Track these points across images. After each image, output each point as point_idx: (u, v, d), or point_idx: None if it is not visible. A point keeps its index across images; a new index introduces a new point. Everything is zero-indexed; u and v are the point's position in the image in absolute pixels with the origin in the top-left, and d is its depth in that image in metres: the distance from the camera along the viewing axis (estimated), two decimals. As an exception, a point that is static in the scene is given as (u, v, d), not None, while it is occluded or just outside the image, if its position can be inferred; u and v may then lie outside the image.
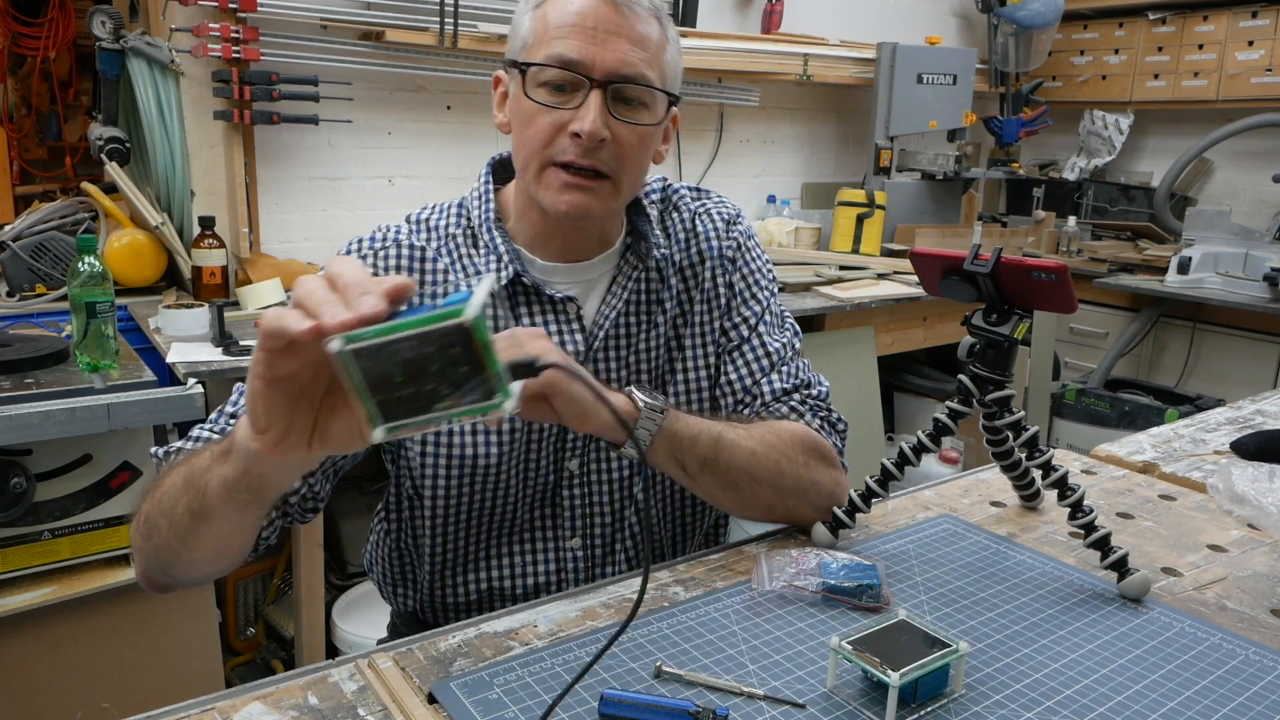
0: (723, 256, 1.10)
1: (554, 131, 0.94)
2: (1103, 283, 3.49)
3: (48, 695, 1.61)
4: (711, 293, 1.10)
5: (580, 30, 0.92)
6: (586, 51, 0.92)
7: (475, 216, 1.05)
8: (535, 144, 0.95)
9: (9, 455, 1.51)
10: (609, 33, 0.92)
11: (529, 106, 0.94)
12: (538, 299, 1.03)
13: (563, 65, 0.92)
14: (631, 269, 1.06)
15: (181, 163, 2.38)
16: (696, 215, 1.12)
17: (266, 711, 0.74)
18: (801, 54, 3.36)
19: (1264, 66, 3.59)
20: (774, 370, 1.10)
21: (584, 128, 0.92)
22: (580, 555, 1.10)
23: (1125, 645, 0.85)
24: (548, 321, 1.03)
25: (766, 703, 0.75)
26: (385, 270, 1.02)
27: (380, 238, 1.04)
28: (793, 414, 1.08)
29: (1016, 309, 0.93)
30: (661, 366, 1.09)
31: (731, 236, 1.11)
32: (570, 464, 1.07)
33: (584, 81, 0.93)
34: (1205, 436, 1.46)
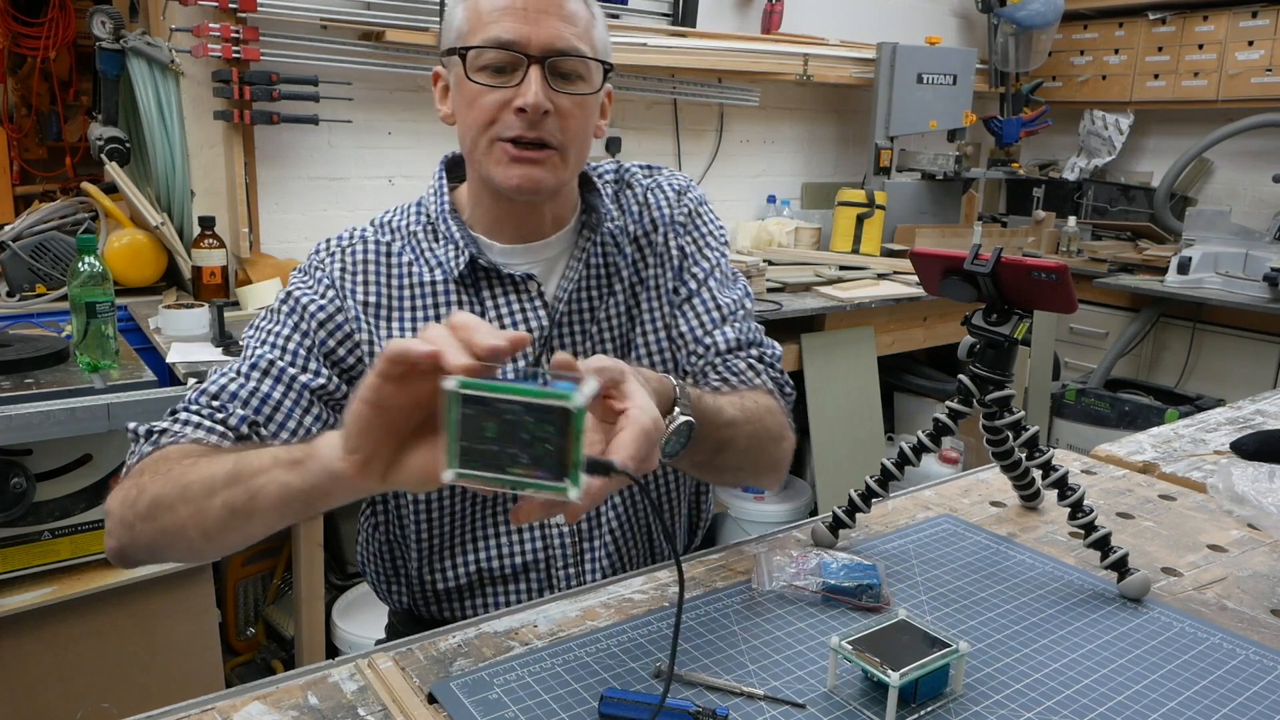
0: (675, 222, 1.14)
1: (498, 109, 0.98)
2: (1103, 283, 3.49)
3: (48, 695, 1.61)
4: (665, 256, 1.13)
5: (513, 12, 0.97)
6: (521, 31, 0.96)
7: (433, 211, 1.09)
8: (481, 123, 0.99)
9: (9, 455, 1.51)
10: (540, 12, 0.97)
11: (472, 90, 0.99)
12: (499, 280, 1.06)
13: (500, 46, 0.96)
14: (586, 242, 1.09)
15: (181, 163, 2.38)
16: (649, 189, 1.16)
17: (266, 711, 0.74)
18: (801, 54, 3.36)
19: (1264, 66, 3.59)
20: (725, 323, 1.11)
21: (528, 101, 0.96)
22: (565, 530, 1.11)
23: (1125, 645, 0.85)
24: (510, 301, 1.06)
25: (766, 703, 0.75)
26: (356, 263, 1.06)
27: (349, 236, 1.09)
28: (749, 370, 1.09)
29: (1016, 309, 0.93)
30: (624, 333, 1.11)
31: (683, 204, 1.15)
32: None
33: (522, 60, 0.97)
34: (1205, 436, 1.46)
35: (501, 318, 1.06)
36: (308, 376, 0.99)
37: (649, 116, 3.28)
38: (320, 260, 1.07)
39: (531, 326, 1.06)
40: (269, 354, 0.99)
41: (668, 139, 3.34)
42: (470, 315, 0.64)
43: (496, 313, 1.06)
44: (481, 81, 0.98)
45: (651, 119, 3.29)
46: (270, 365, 0.98)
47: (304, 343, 1.01)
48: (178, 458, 0.87)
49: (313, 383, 0.99)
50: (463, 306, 1.05)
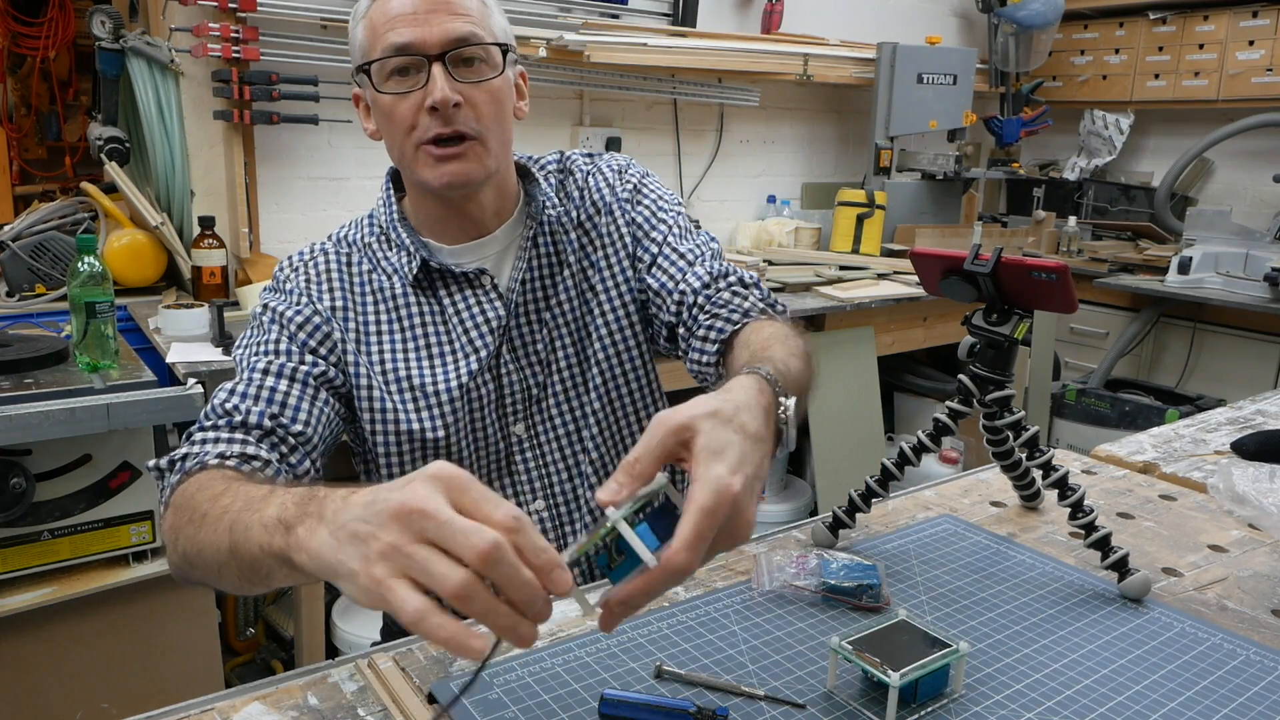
0: (620, 200, 1.15)
1: (413, 114, 1.00)
2: (1103, 283, 3.49)
3: (48, 695, 1.61)
4: (614, 235, 1.14)
5: (403, 18, 0.99)
6: (415, 33, 0.99)
7: (383, 221, 1.12)
8: (401, 131, 1.02)
9: (9, 455, 1.51)
10: (429, 12, 0.99)
11: (385, 101, 1.01)
12: (453, 279, 1.09)
13: (398, 52, 0.99)
14: (529, 231, 1.11)
15: (181, 163, 2.38)
16: (589, 174, 1.17)
17: (266, 711, 0.74)
18: (801, 54, 3.36)
19: (1264, 66, 3.59)
20: (693, 266, 1.11)
21: (435, 98, 0.98)
22: (546, 517, 1.13)
23: (1125, 645, 0.85)
24: (466, 298, 1.09)
25: (766, 703, 0.75)
26: (319, 274, 1.09)
27: (308, 251, 1.13)
28: (735, 298, 1.07)
29: (1016, 309, 0.93)
30: (578, 317, 1.13)
31: (625, 180, 1.17)
32: (516, 429, 1.12)
33: (422, 60, 0.99)
34: (1206, 436, 1.46)
35: (460, 314, 1.09)
36: (307, 367, 1.02)
37: (649, 116, 3.29)
38: (286, 275, 1.10)
39: (490, 318, 1.09)
40: (264, 359, 1.01)
41: (668, 139, 3.34)
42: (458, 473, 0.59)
43: (455, 309, 1.09)
44: (391, 91, 1.01)
45: (651, 119, 3.29)
46: (269, 365, 1.00)
47: (293, 344, 1.04)
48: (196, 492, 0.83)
49: (315, 370, 1.02)
50: (421, 309, 1.09)
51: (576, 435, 1.13)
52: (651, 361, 1.18)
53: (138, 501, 1.64)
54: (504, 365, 1.10)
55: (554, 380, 1.12)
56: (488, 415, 1.10)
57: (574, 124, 3.13)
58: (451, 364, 1.08)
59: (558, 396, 1.12)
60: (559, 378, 1.12)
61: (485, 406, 1.09)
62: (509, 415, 1.11)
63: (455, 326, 1.09)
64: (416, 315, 1.09)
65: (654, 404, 1.19)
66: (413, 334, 1.09)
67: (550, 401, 1.12)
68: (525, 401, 1.11)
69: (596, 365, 1.13)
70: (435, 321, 1.09)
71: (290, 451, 0.97)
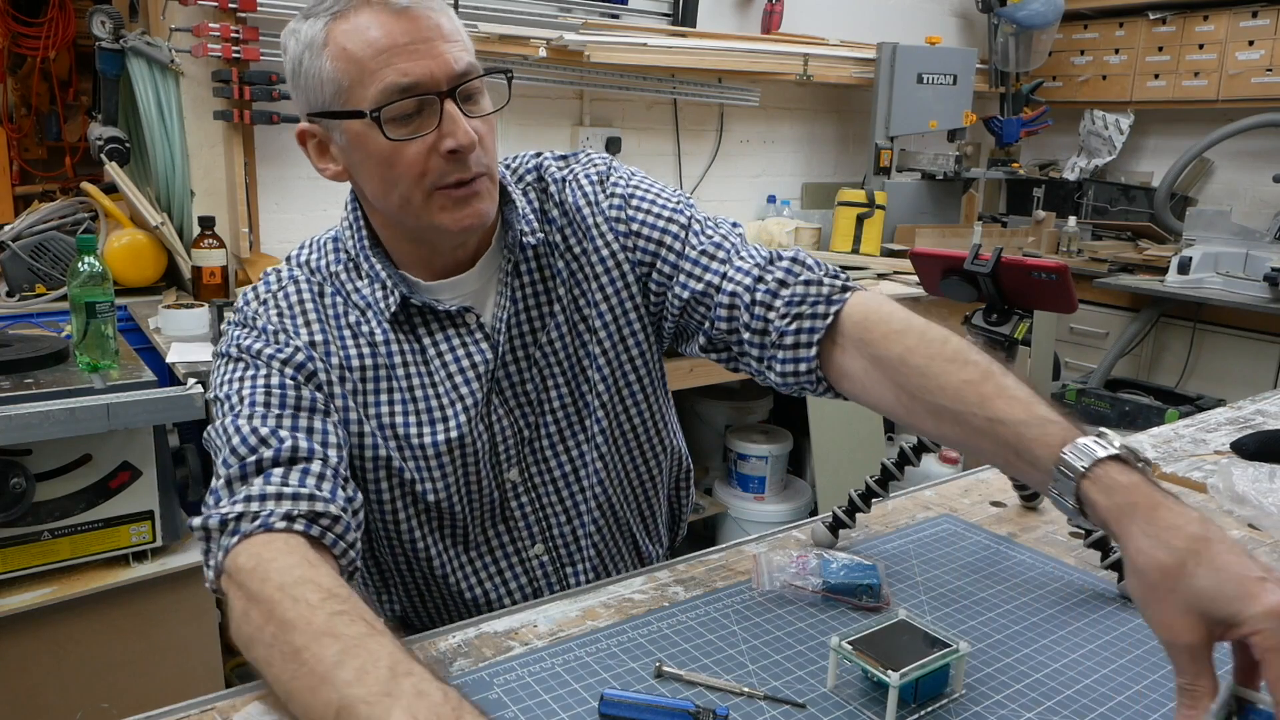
0: (607, 217, 1.03)
1: (425, 158, 0.90)
2: (1103, 283, 3.49)
3: (48, 695, 1.61)
4: (609, 260, 1.02)
5: (398, 51, 0.87)
6: (417, 68, 0.87)
7: (352, 248, 1.01)
8: (411, 179, 0.90)
9: (9, 455, 1.51)
10: (423, 41, 0.88)
11: (386, 146, 0.89)
12: (434, 317, 0.99)
13: (405, 93, 0.87)
14: (507, 264, 1.01)
15: (181, 163, 2.38)
16: (565, 185, 1.05)
17: (266, 711, 0.74)
18: (801, 54, 3.36)
19: (1264, 66, 3.59)
20: (730, 261, 0.98)
21: (460, 142, 0.89)
22: (545, 560, 1.08)
23: (1125, 645, 0.85)
24: (450, 338, 0.99)
25: (766, 703, 0.75)
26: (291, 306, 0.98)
27: (275, 280, 1.01)
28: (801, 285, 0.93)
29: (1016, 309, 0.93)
30: (573, 353, 1.04)
31: (610, 193, 1.04)
32: (510, 474, 1.04)
33: (433, 99, 0.88)
34: (1206, 437, 1.46)
35: (444, 358, 0.99)
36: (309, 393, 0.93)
37: (649, 116, 3.29)
38: (255, 311, 0.98)
39: (476, 362, 0.99)
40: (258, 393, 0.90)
41: (668, 139, 3.34)
42: None
43: (437, 351, 0.99)
44: (399, 136, 0.88)
45: (651, 119, 3.29)
46: (269, 393, 0.91)
47: (285, 377, 0.93)
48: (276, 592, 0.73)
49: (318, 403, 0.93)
50: (403, 353, 0.98)
51: (574, 476, 1.07)
52: (659, 393, 1.10)
53: (138, 501, 1.64)
54: (494, 411, 1.01)
55: (547, 421, 1.04)
56: (481, 465, 1.02)
57: (574, 124, 3.13)
58: (440, 419, 0.99)
59: (552, 438, 1.04)
60: (552, 419, 1.04)
61: (479, 457, 1.01)
62: (502, 462, 1.03)
63: (439, 371, 0.99)
64: (398, 359, 0.98)
65: (663, 437, 1.11)
66: (396, 383, 0.98)
67: (544, 444, 1.04)
68: (518, 446, 1.03)
69: (597, 402, 1.04)
70: (418, 368, 0.99)
71: (344, 484, 0.87)
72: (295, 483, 0.83)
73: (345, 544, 0.83)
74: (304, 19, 0.92)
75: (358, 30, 0.88)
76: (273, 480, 0.83)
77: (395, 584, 1.10)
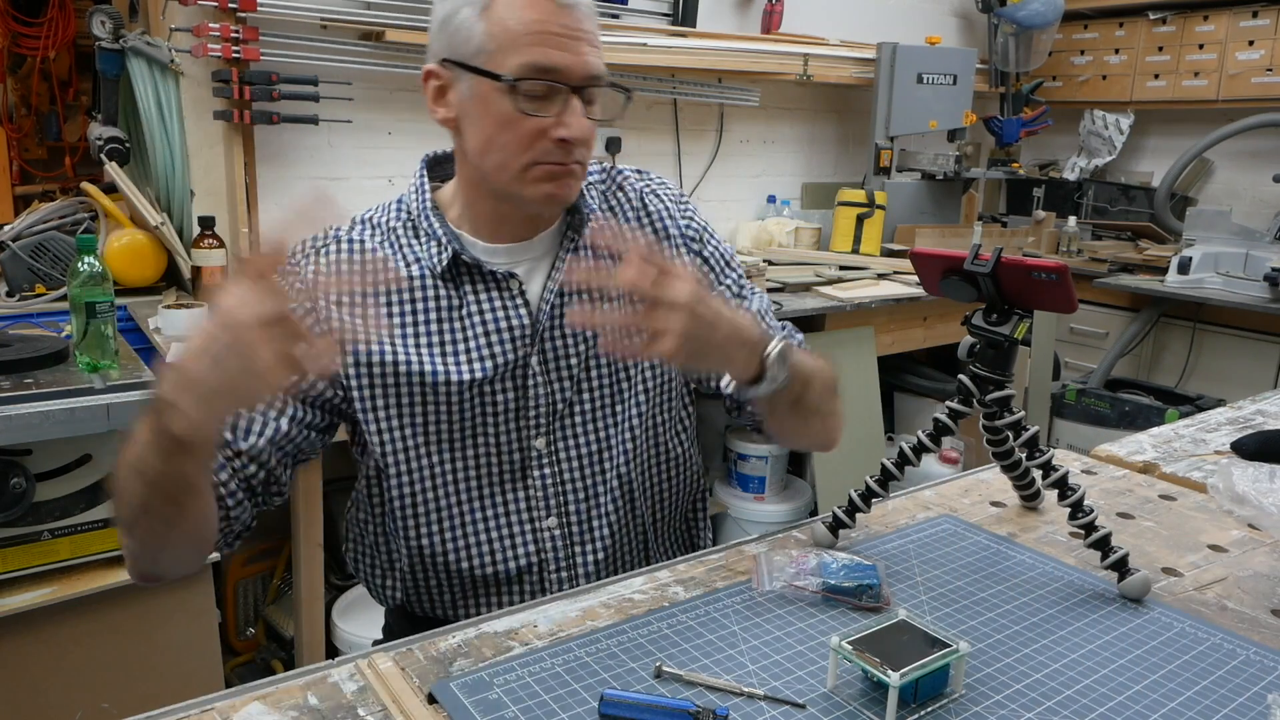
0: (685, 236, 1.15)
1: (536, 136, 0.98)
2: (1103, 283, 3.49)
3: (48, 695, 1.61)
4: None
5: (547, 37, 0.96)
6: (562, 59, 0.96)
7: (414, 209, 1.10)
8: (516, 148, 0.98)
9: (9, 455, 1.51)
10: (573, 38, 0.97)
11: (508, 114, 0.97)
12: (480, 276, 1.07)
13: (542, 74, 0.96)
14: (571, 244, 1.09)
15: (181, 163, 2.38)
16: (644, 194, 1.15)
17: (266, 711, 0.74)
18: (801, 54, 3.36)
19: (1264, 66, 3.59)
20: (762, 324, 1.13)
21: (573, 134, 0.97)
22: (557, 534, 1.11)
23: (1125, 645, 0.85)
24: (492, 298, 1.07)
25: (766, 703, 0.75)
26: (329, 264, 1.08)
27: (322, 237, 1.10)
28: None
29: (1016, 309, 0.93)
30: None
31: (686, 215, 1.16)
32: (536, 442, 1.09)
33: (563, 89, 0.97)
34: (1206, 436, 1.46)
35: (483, 313, 1.06)
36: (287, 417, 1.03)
37: (649, 116, 3.28)
38: (295, 264, 1.08)
39: (513, 324, 1.06)
40: None
41: (668, 139, 3.34)
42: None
43: (478, 307, 1.06)
44: (527, 110, 0.97)
45: (651, 119, 3.29)
46: None
47: None
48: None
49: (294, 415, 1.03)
50: (440, 300, 1.06)
51: (598, 457, 1.11)
52: (691, 399, 1.18)
53: (138, 501, 1.64)
54: (531, 375, 1.07)
55: (584, 398, 1.10)
56: (501, 423, 1.07)
57: (574, 124, 3.12)
58: (465, 362, 1.05)
59: (585, 415, 1.10)
60: (589, 396, 1.10)
61: (500, 413, 1.07)
62: (530, 426, 1.08)
63: (473, 326, 1.06)
64: (432, 305, 1.06)
65: (684, 441, 1.18)
66: (426, 326, 1.06)
67: (575, 419, 1.10)
68: (549, 415, 1.09)
69: (638, 390, 1.11)
70: (451, 316, 1.06)
71: (241, 462, 1.00)
72: None
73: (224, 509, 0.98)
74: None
75: (522, 5, 0.96)
76: None
77: (400, 561, 1.13)
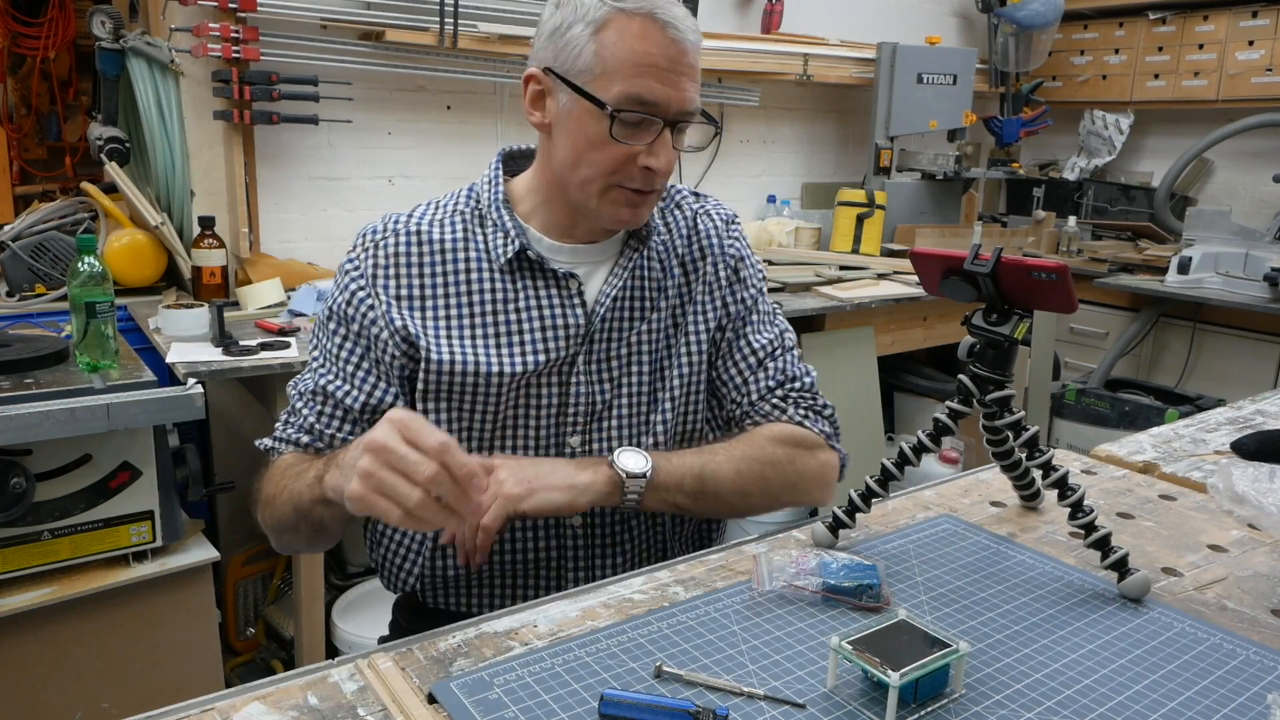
0: (725, 253, 1.17)
1: (624, 161, 1.01)
2: (1103, 283, 3.49)
3: (48, 695, 1.61)
4: (713, 282, 1.16)
5: (654, 70, 0.99)
6: (663, 94, 0.99)
7: (485, 199, 1.11)
8: (603, 169, 1.02)
9: (9, 455, 1.51)
10: (677, 72, 1.00)
11: (602, 136, 1.00)
12: (541, 273, 1.09)
13: (641, 108, 0.99)
14: (633, 252, 1.12)
15: (181, 163, 2.38)
16: (698, 215, 1.19)
17: (266, 711, 0.74)
18: (801, 54, 3.36)
19: (1264, 66, 3.59)
20: (760, 368, 1.16)
21: (659, 166, 1.01)
22: (581, 533, 1.12)
23: (1125, 645, 0.85)
24: (550, 295, 1.09)
25: (766, 703, 0.75)
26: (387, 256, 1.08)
27: (382, 228, 1.10)
28: (775, 410, 1.15)
29: (1016, 309, 0.93)
30: (660, 350, 1.13)
31: (732, 235, 1.19)
32: (572, 440, 1.11)
33: (656, 121, 1.00)
34: (1205, 436, 1.46)
35: (539, 307, 1.08)
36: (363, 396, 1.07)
37: (649, 116, 3.28)
38: (354, 257, 1.09)
39: (568, 322, 1.08)
40: (328, 378, 1.08)
41: (668, 139, 3.34)
42: (411, 416, 0.82)
43: (535, 302, 1.08)
44: (620, 138, 1.00)
45: (651, 119, 3.29)
46: (332, 393, 1.07)
47: (356, 351, 1.08)
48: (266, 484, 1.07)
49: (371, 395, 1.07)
50: (498, 292, 1.08)
51: None
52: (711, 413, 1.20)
53: (138, 501, 1.64)
54: (576, 373, 1.09)
55: (621, 400, 1.12)
56: (543, 418, 1.10)
57: (574, 124, 3.12)
58: (519, 354, 1.07)
59: (620, 417, 1.12)
60: (626, 399, 1.12)
61: (542, 409, 1.09)
62: (568, 425, 1.10)
63: (529, 319, 1.08)
64: (489, 296, 1.08)
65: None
66: (481, 317, 1.08)
67: (612, 420, 1.11)
68: (587, 414, 1.10)
69: (669, 396, 1.13)
70: (507, 308, 1.08)
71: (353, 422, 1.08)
72: (312, 421, 1.08)
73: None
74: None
75: (634, 34, 0.99)
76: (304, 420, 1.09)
77: (423, 551, 1.14)
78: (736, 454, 1.08)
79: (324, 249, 2.68)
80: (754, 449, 1.09)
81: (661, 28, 0.99)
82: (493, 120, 2.93)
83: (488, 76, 2.77)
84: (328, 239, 2.69)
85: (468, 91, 2.85)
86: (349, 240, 1.13)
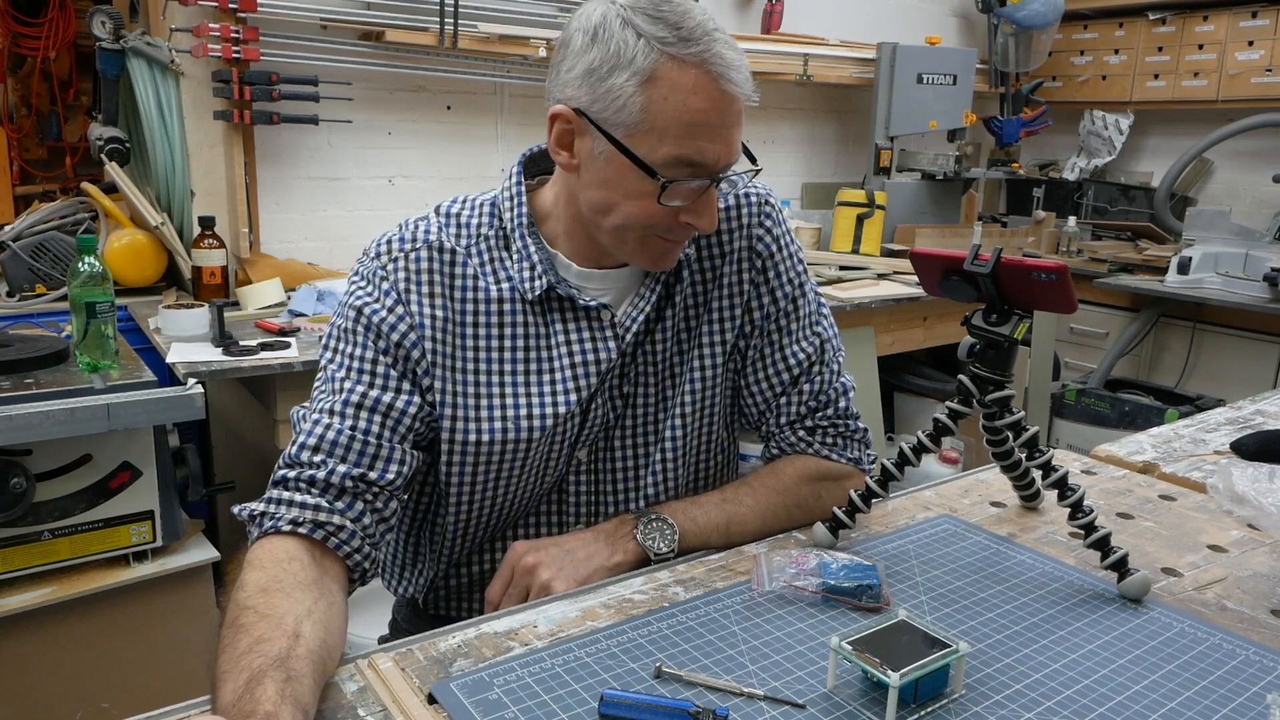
0: (752, 251, 1.08)
1: (664, 215, 0.94)
2: (1103, 283, 3.49)
3: (48, 695, 1.61)
4: (735, 287, 1.08)
5: (706, 129, 0.91)
6: (713, 152, 0.92)
7: (508, 220, 1.02)
8: (639, 221, 0.94)
9: (9, 455, 1.51)
10: (727, 125, 0.93)
11: (644, 195, 0.93)
12: (571, 309, 1.02)
13: (692, 170, 0.92)
14: (660, 273, 1.05)
15: (181, 163, 2.38)
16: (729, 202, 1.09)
17: (266, 711, 0.74)
18: (801, 54, 3.36)
19: (1264, 66, 3.59)
20: (793, 388, 1.10)
21: (704, 227, 0.95)
22: None
23: (1125, 645, 0.85)
24: (581, 330, 1.03)
25: (766, 703, 0.75)
26: (419, 272, 0.99)
27: (409, 237, 1.01)
28: (801, 443, 1.12)
29: (1016, 309, 0.93)
30: (674, 360, 1.08)
31: (763, 225, 1.08)
32: (580, 452, 1.08)
33: (705, 181, 0.94)
34: (1205, 437, 1.46)
35: (571, 345, 1.02)
36: (403, 401, 0.97)
37: (649, 116, 3.29)
38: (383, 265, 0.99)
39: (601, 358, 1.03)
40: (359, 386, 0.96)
41: (668, 139, 3.34)
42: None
43: (566, 338, 1.02)
44: (664, 203, 0.92)
45: (651, 119, 3.29)
46: (363, 398, 0.95)
47: (389, 362, 0.97)
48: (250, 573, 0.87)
49: (409, 407, 0.97)
50: (529, 327, 1.01)
51: (635, 473, 1.10)
52: (732, 419, 1.15)
53: (138, 501, 1.64)
54: (595, 398, 1.05)
55: (629, 415, 1.08)
56: (564, 444, 1.06)
57: (574, 124, 3.12)
58: (550, 394, 1.01)
59: (627, 431, 1.08)
60: (635, 414, 1.08)
61: (566, 437, 1.05)
62: (578, 441, 1.07)
63: (561, 358, 1.02)
64: (520, 332, 1.01)
65: (722, 461, 1.16)
66: (511, 355, 1.01)
67: (619, 435, 1.08)
68: (596, 428, 1.07)
69: (679, 413, 1.08)
70: (539, 345, 1.02)
71: (375, 498, 0.94)
72: (316, 502, 0.90)
73: (350, 549, 0.92)
74: (634, 25, 0.90)
75: (685, 89, 0.89)
76: (301, 492, 0.91)
77: (425, 560, 1.13)
78: (762, 499, 1.06)
79: (324, 249, 2.68)
80: (779, 492, 1.07)
81: (715, 80, 0.90)
82: (493, 120, 2.93)
83: (488, 76, 2.77)
84: (328, 239, 2.69)
85: (468, 91, 2.85)
86: (349, 240, 1.09)
